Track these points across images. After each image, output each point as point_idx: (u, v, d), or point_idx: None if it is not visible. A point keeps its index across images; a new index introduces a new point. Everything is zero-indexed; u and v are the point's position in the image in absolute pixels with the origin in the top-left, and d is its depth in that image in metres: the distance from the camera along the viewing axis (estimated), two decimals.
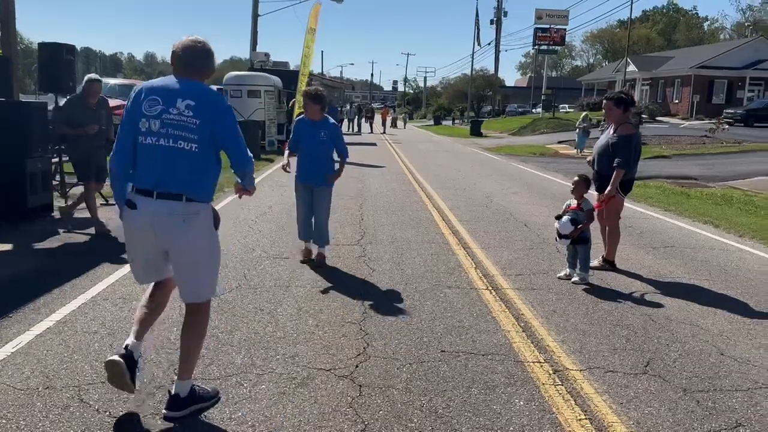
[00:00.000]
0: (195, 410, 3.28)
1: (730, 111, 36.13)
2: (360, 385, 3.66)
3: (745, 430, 3.30)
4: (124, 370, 3.17)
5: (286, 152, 6.63)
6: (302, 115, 6.50)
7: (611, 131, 6.34)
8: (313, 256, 6.48)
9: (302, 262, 6.44)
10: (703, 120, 36.65)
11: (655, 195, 12.12)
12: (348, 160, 6.69)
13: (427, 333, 4.53)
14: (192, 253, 3.18)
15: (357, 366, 3.93)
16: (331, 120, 6.46)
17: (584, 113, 25.59)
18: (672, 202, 11.27)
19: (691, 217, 9.80)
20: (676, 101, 46.05)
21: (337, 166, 6.59)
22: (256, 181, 6.12)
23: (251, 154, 3.37)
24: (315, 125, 6.31)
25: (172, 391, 3.27)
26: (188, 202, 3.10)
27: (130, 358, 3.22)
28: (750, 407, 3.54)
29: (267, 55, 28.64)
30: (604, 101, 6.49)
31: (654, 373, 3.98)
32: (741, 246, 7.82)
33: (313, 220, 6.50)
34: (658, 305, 5.35)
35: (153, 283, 3.43)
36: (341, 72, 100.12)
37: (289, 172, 6.55)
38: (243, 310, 4.90)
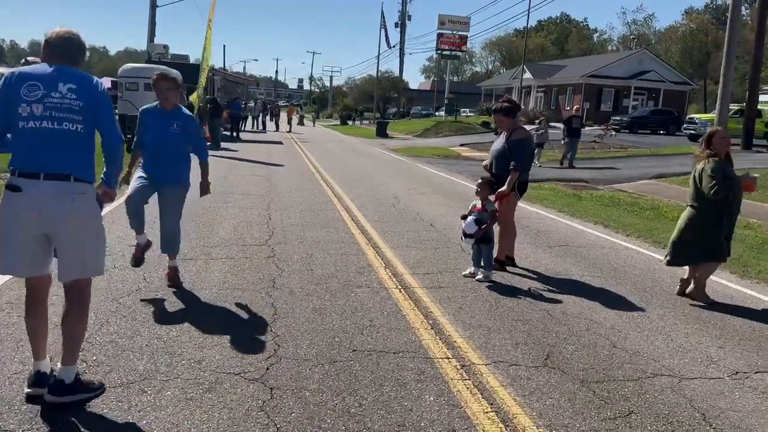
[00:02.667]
0: (80, 399, 3.28)
1: (616, 118, 38.62)
2: (271, 388, 3.60)
3: (636, 417, 3.55)
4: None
5: (132, 155, 5.55)
6: (147, 106, 5.46)
7: (504, 137, 6.63)
8: (164, 274, 5.51)
9: (136, 262, 5.48)
10: (592, 126, 39.02)
11: (549, 197, 12.75)
12: (254, 158, 6.50)
13: (339, 333, 4.53)
14: (81, 230, 3.24)
15: (268, 369, 3.86)
16: (186, 111, 5.44)
17: None
18: (565, 204, 11.90)
19: (582, 218, 10.39)
20: (568, 108, 48.63)
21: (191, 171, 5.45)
22: None
23: (122, 137, 3.50)
24: (165, 115, 5.26)
25: (57, 375, 3.27)
26: (76, 182, 3.19)
27: (44, 380, 3.26)
28: (640, 395, 3.81)
29: (166, 47, 27.63)
30: (494, 114, 6.82)
31: (553, 365, 4.20)
32: (628, 245, 8.40)
33: (159, 224, 5.47)
34: (556, 301, 5.64)
35: (30, 296, 3.37)
36: (244, 68, 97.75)
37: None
38: (144, 314, 4.68)
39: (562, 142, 20.07)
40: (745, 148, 23.84)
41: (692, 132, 30.39)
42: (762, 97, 27.13)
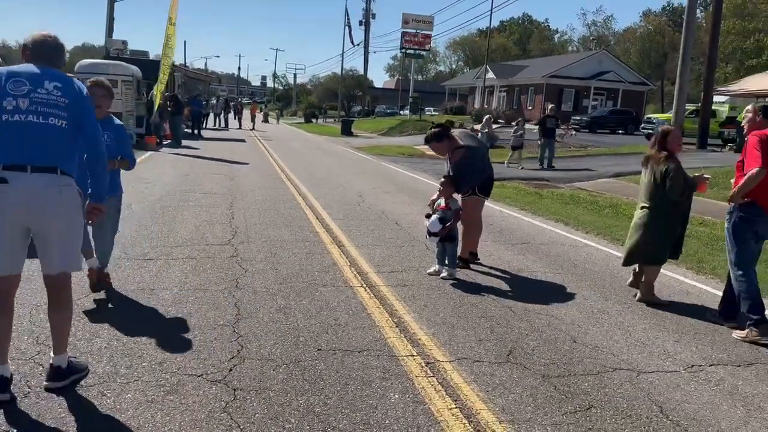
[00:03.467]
0: (73, 380, 3.49)
1: (577, 118, 39.31)
2: (234, 389, 3.57)
3: (596, 410, 3.62)
4: (9, 399, 3.28)
5: None
6: None
7: (447, 159, 6.66)
8: (86, 274, 5.02)
9: (95, 288, 5.00)
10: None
11: (512, 195, 12.92)
12: (217, 156, 6.39)
13: (303, 332, 4.51)
14: (68, 223, 3.35)
15: (231, 369, 3.82)
16: (116, 120, 5.13)
17: (487, 116, 24.21)
18: (527, 202, 12.08)
19: (544, 216, 10.56)
20: (530, 108, 49.36)
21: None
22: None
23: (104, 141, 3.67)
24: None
25: (54, 364, 3.44)
26: (62, 175, 3.28)
27: (5, 386, 3.30)
28: (600, 389, 3.89)
29: (124, 42, 27.03)
30: (427, 144, 6.81)
31: (516, 361, 4.26)
32: (588, 242, 8.57)
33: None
34: (518, 297, 5.71)
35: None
36: (206, 64, 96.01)
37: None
38: (103, 316, 4.58)
39: (539, 143, 20.01)
40: (700, 147, 24.56)
41: (650, 131, 31.09)
42: (716, 98, 27.98)
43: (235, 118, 40.86)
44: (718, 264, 7.37)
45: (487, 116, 24.53)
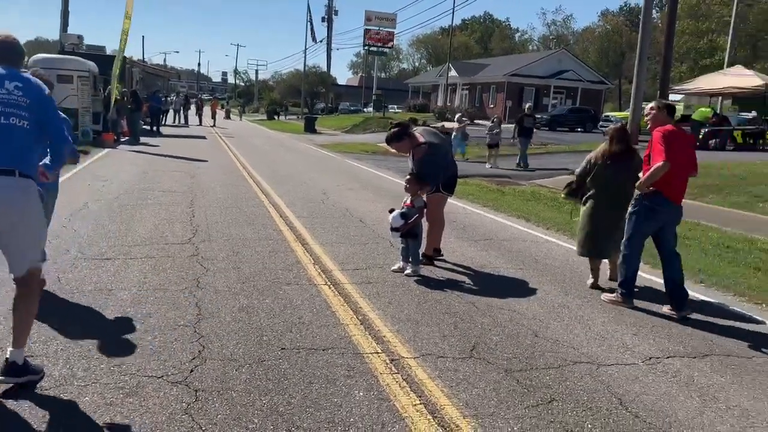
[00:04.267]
0: (29, 381, 3.39)
1: (537, 116, 39.84)
2: (196, 390, 3.51)
3: (558, 403, 3.68)
4: None
5: None
6: None
7: (411, 157, 6.64)
8: None
9: None
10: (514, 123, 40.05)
11: (474, 192, 13.03)
12: (176, 153, 6.31)
13: (267, 331, 4.47)
14: (29, 223, 3.35)
15: (192, 370, 3.76)
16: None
17: (458, 114, 23.64)
18: (489, 199, 12.20)
19: (506, 212, 10.69)
20: (492, 106, 49.84)
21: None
22: (69, 174, 5.45)
23: (70, 138, 3.66)
24: None
25: (10, 359, 3.36)
26: (21, 177, 3.26)
27: None
28: (561, 382, 3.96)
29: (80, 37, 26.39)
30: (388, 144, 6.73)
31: (479, 356, 4.30)
32: (548, 238, 8.71)
33: None
34: (481, 293, 5.77)
35: None
36: (165, 59, 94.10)
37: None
38: (59, 318, 4.45)
39: (512, 140, 19.89)
40: None
41: None
42: (672, 96, 28.68)
43: (195, 115, 40.17)
44: None
45: (458, 114, 24.26)
